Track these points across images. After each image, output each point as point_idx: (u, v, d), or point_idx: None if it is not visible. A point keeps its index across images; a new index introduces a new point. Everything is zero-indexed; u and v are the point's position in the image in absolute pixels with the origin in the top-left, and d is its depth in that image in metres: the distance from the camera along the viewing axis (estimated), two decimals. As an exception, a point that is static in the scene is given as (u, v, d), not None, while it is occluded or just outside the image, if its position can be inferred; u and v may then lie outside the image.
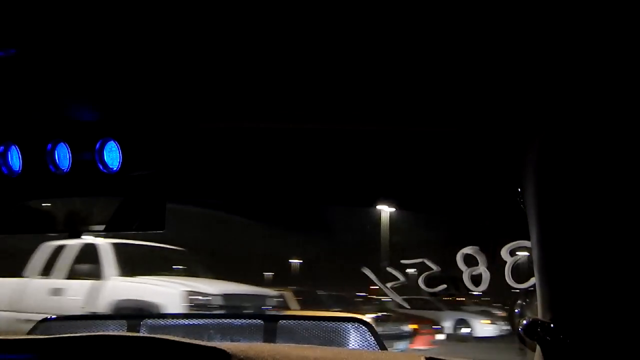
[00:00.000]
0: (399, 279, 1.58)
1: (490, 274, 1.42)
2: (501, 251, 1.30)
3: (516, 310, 1.19)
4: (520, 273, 1.24)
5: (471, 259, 1.38)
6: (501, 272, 1.38)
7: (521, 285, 1.22)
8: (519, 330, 1.02)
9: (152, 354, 1.22)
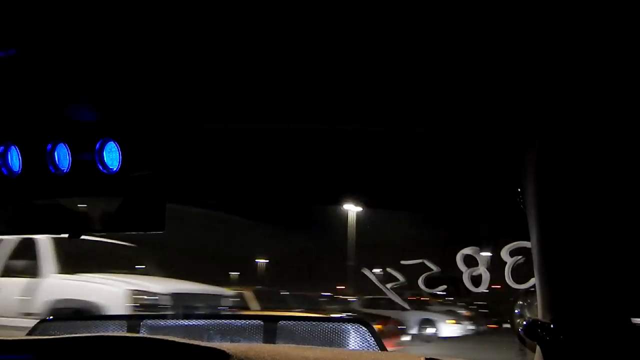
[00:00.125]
0: (398, 280, 1.58)
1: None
2: (501, 252, 1.30)
3: (516, 311, 1.19)
4: (520, 273, 1.24)
5: (471, 260, 1.38)
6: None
7: (521, 286, 1.22)
8: (519, 331, 1.02)
9: (152, 354, 1.22)
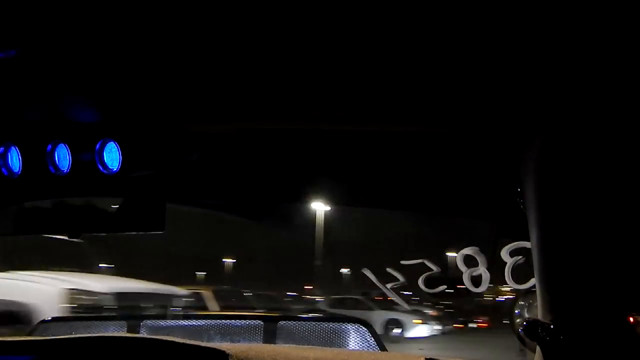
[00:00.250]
0: (399, 280, 1.58)
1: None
2: (501, 252, 1.30)
3: (516, 311, 1.19)
4: (520, 274, 1.24)
5: (471, 260, 1.38)
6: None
7: (521, 286, 1.22)
8: (519, 331, 1.02)
9: (152, 355, 1.22)
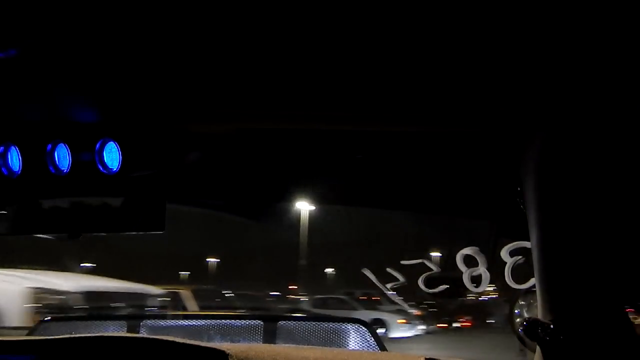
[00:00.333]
0: (398, 280, 1.58)
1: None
2: (501, 252, 1.30)
3: (516, 311, 1.19)
4: (520, 274, 1.24)
5: (471, 260, 1.38)
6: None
7: (521, 286, 1.22)
8: (519, 331, 1.02)
9: (152, 354, 1.22)
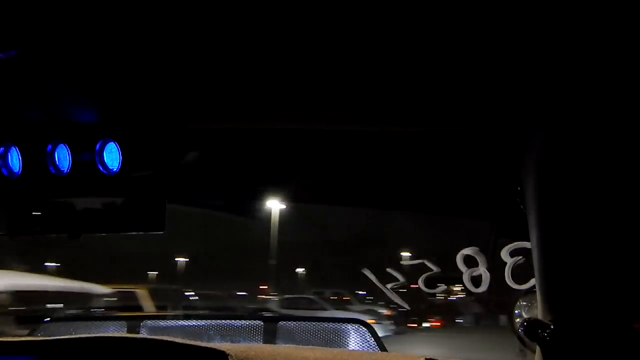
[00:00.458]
0: (398, 280, 1.58)
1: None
2: (501, 252, 1.30)
3: (516, 311, 1.19)
4: (520, 274, 1.24)
5: (471, 260, 1.38)
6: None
7: (521, 286, 1.22)
8: (519, 331, 1.02)
9: (152, 355, 1.22)
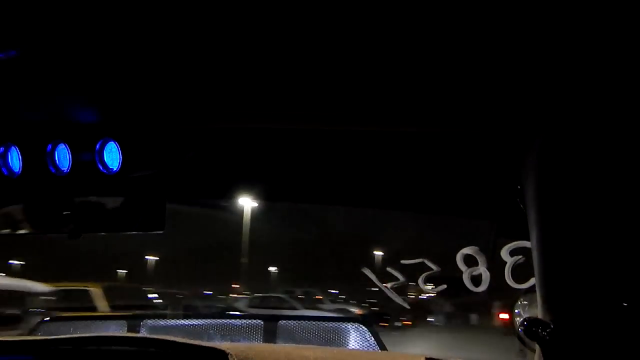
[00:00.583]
0: (398, 279, 1.58)
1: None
2: (501, 252, 1.30)
3: (516, 311, 1.19)
4: (520, 273, 1.24)
5: (471, 259, 1.38)
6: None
7: (521, 286, 1.22)
8: (519, 331, 1.02)
9: (152, 354, 1.22)
